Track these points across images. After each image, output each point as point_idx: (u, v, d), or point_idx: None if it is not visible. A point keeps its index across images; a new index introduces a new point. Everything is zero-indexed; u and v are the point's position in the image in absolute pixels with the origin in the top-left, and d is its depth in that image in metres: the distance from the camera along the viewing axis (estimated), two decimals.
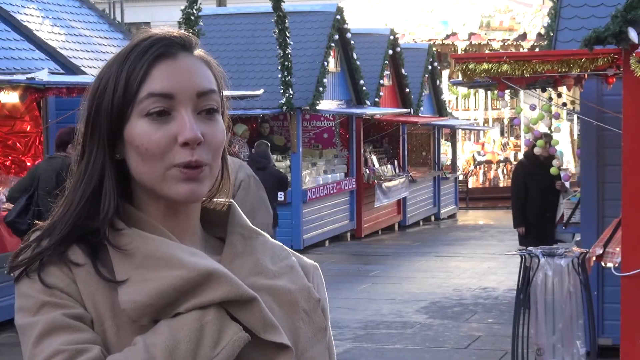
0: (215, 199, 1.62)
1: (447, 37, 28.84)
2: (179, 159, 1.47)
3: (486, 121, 28.17)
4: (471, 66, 7.25)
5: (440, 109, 23.52)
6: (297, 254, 1.65)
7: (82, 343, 1.40)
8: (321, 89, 16.69)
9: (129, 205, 1.52)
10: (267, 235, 1.62)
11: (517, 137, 27.74)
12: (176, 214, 1.53)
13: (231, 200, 1.62)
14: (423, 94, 21.92)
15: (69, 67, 12.69)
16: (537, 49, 24.73)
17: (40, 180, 8.53)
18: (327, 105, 17.33)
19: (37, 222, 1.56)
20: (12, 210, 8.60)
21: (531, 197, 11.45)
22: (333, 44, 17.33)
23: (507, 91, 7.99)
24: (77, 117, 1.56)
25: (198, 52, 1.55)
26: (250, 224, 1.61)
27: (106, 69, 1.52)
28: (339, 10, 17.51)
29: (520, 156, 18.78)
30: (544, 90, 9.53)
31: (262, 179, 12.02)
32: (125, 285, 1.43)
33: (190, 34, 1.56)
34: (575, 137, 20.53)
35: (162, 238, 1.48)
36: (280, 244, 1.63)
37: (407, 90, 20.87)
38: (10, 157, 12.10)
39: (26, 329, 1.43)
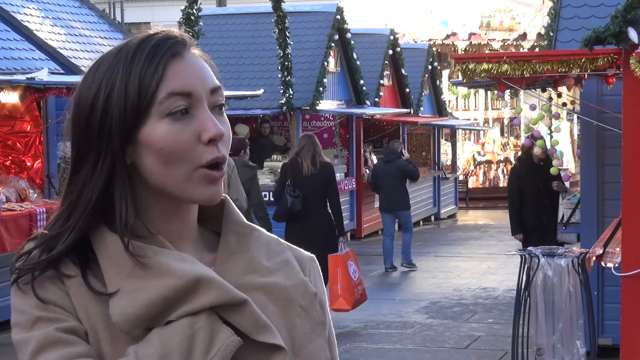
0: None
1: (447, 37, 28.84)
2: (205, 157, 1.46)
3: (486, 121, 28.16)
4: (471, 66, 7.25)
5: (440, 109, 23.51)
6: (293, 246, 1.63)
7: (75, 357, 1.39)
8: (321, 89, 16.70)
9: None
10: (262, 230, 1.60)
11: (517, 137, 27.73)
12: (178, 215, 1.52)
13: (225, 195, 1.60)
14: (423, 94, 21.91)
15: (69, 67, 12.69)
16: (537, 49, 24.73)
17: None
18: (327, 105, 17.33)
19: None
20: None
21: (527, 202, 11.25)
22: (333, 44, 17.33)
23: (507, 91, 7.98)
24: (64, 123, 1.53)
25: (195, 50, 1.54)
26: (245, 220, 1.60)
27: (105, 73, 1.48)
28: (339, 10, 17.51)
29: None
30: (544, 90, 9.53)
31: (390, 170, 14.31)
32: (115, 296, 1.42)
33: (186, 33, 1.55)
34: (575, 137, 20.54)
35: (150, 246, 1.46)
36: (277, 237, 1.61)
37: (407, 90, 20.87)
38: (10, 157, 12.08)
39: (21, 345, 1.43)
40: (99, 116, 1.47)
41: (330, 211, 10.07)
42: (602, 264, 7.17)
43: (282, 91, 16.06)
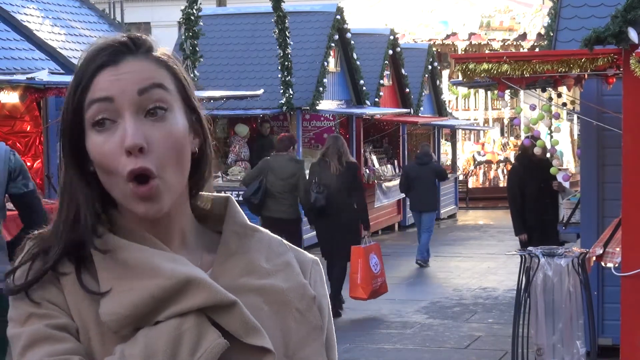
0: (213, 194, 1.60)
1: (447, 37, 28.83)
2: (122, 169, 1.42)
3: (486, 121, 28.16)
4: (471, 66, 7.25)
5: (440, 109, 23.51)
6: (297, 249, 1.62)
7: (63, 354, 1.40)
8: (321, 89, 16.69)
9: (117, 213, 1.50)
10: (265, 231, 1.59)
11: (517, 137, 27.72)
12: (157, 219, 1.49)
13: (229, 195, 1.60)
14: (423, 94, 21.91)
15: (69, 67, 12.68)
16: (537, 49, 24.72)
17: (273, 169, 11.08)
18: (327, 105, 17.33)
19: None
20: (248, 190, 11.31)
21: (528, 202, 11.24)
22: (333, 44, 17.33)
23: (507, 91, 7.98)
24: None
25: (156, 53, 1.49)
26: (247, 221, 1.58)
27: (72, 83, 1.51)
28: (339, 10, 17.51)
29: None
30: (544, 90, 9.53)
31: (425, 172, 14.98)
32: (107, 296, 1.43)
33: (145, 37, 1.51)
34: (575, 137, 20.54)
35: (140, 245, 1.46)
36: (280, 239, 1.60)
37: (407, 90, 20.86)
38: None
39: (14, 340, 1.44)
40: (63, 126, 1.49)
41: (355, 207, 11.00)
42: (602, 264, 7.16)
43: (282, 91, 16.06)
